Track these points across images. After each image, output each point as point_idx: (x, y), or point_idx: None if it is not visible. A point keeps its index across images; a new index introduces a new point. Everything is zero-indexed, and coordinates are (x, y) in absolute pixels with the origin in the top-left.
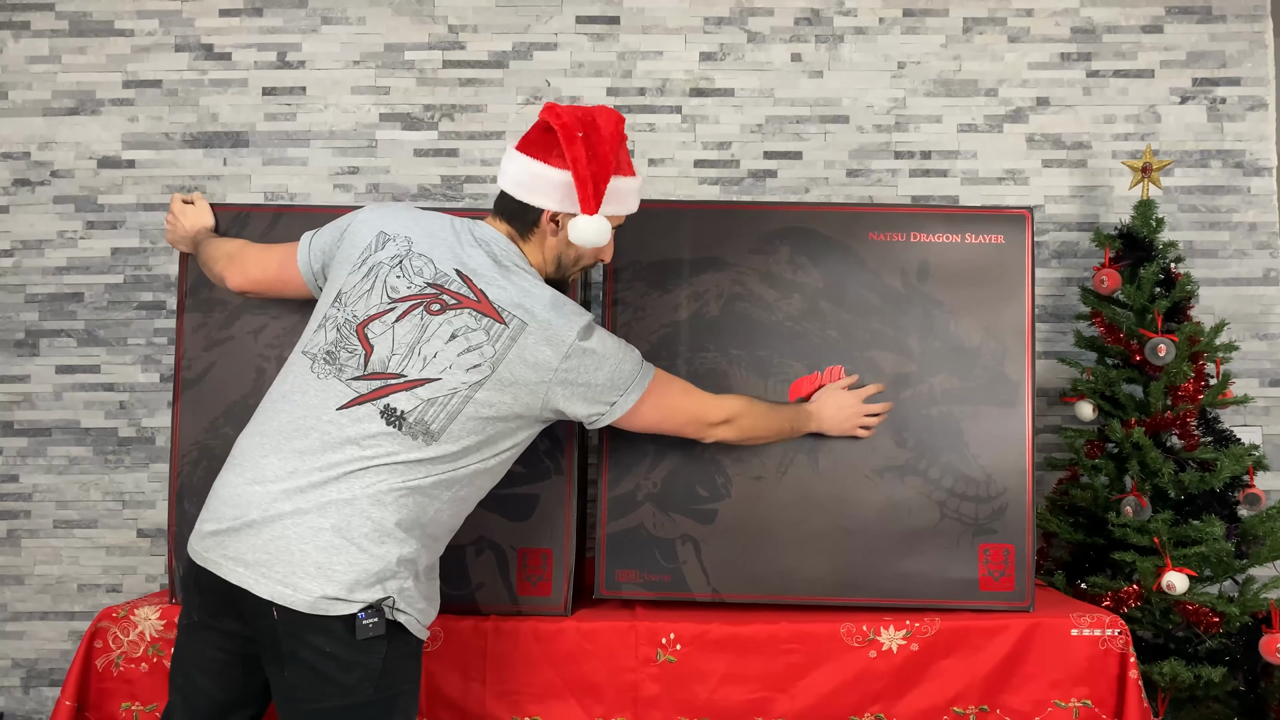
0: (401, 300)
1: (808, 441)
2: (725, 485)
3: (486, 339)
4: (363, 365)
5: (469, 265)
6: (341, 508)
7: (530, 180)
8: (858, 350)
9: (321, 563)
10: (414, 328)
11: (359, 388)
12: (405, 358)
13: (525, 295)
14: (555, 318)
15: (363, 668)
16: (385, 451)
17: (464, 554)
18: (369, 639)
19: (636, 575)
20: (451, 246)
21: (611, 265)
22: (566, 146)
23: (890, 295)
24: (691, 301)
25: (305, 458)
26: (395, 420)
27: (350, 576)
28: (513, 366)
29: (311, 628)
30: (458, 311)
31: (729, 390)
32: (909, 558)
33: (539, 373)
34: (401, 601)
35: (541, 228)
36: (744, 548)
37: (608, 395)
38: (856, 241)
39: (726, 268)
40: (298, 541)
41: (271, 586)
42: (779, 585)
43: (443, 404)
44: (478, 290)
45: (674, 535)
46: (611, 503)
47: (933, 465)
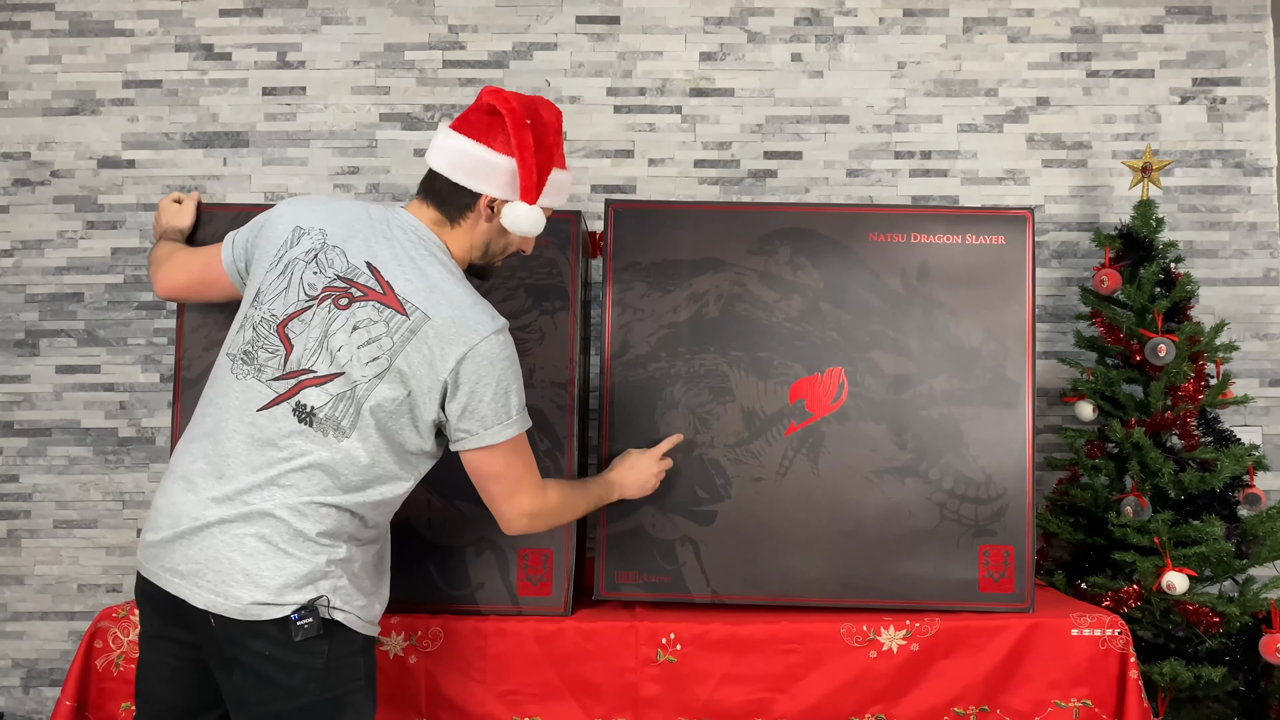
0: (316, 297)
1: (807, 442)
2: (725, 487)
3: (386, 331)
4: (283, 365)
5: (379, 257)
6: (265, 516)
7: (473, 164)
8: (858, 351)
9: (248, 569)
10: (322, 322)
11: (278, 388)
12: (315, 353)
13: (434, 289)
14: (462, 316)
15: (305, 668)
16: (300, 451)
17: (464, 554)
18: (308, 639)
19: (636, 576)
20: (366, 238)
21: (611, 265)
22: (515, 132)
23: (890, 296)
24: (691, 302)
25: (229, 461)
26: (306, 417)
27: (278, 580)
28: (410, 360)
29: (249, 633)
30: (362, 304)
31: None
32: (909, 559)
33: (434, 369)
34: (337, 600)
35: (475, 213)
36: (743, 549)
37: (486, 417)
38: (856, 242)
39: (726, 268)
40: (225, 550)
41: (205, 596)
42: (778, 586)
43: (349, 399)
44: (384, 282)
45: (673, 536)
46: (611, 504)
47: (933, 467)
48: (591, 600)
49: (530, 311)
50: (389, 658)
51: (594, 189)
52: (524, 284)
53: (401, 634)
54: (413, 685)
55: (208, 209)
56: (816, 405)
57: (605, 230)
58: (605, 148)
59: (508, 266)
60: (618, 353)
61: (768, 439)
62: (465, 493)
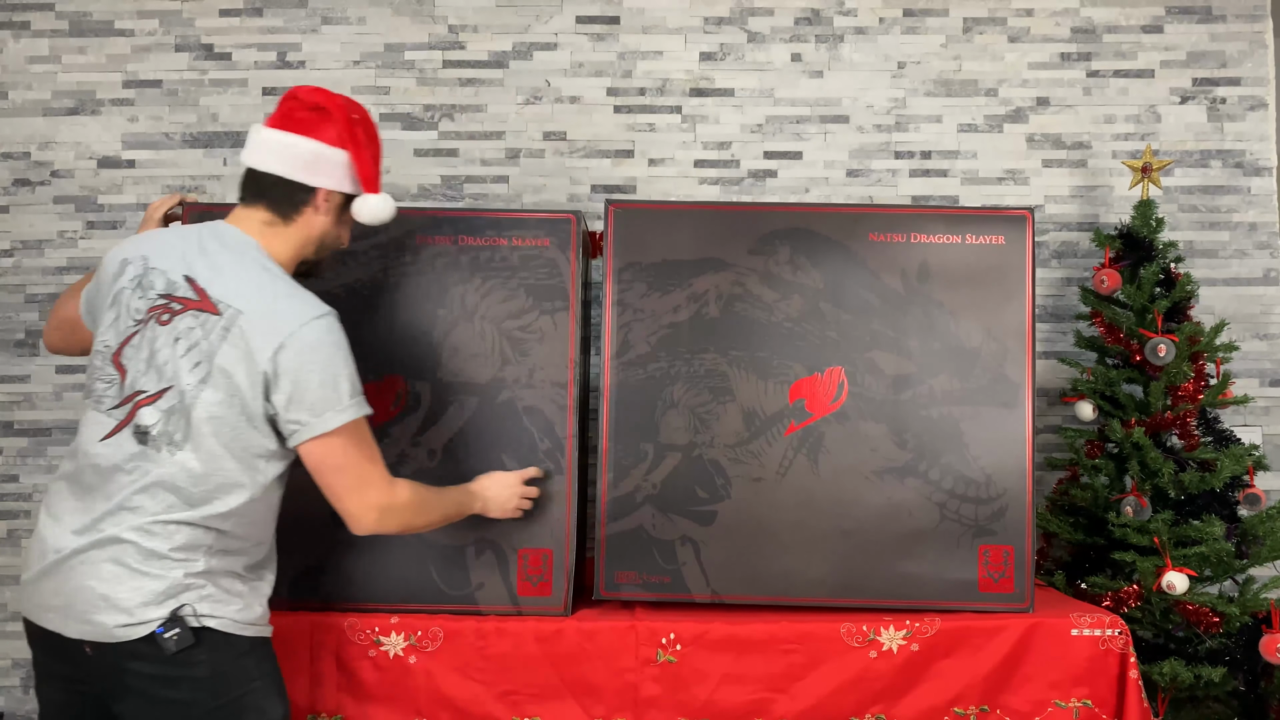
0: (141, 321)
1: (807, 442)
2: (725, 487)
3: (203, 334)
4: (119, 392)
5: (195, 267)
6: (116, 542)
7: (307, 159)
8: (857, 351)
9: (106, 594)
10: (148, 342)
11: (117, 415)
12: (144, 373)
13: (244, 284)
14: (277, 306)
15: (189, 680)
16: (143, 471)
17: (464, 554)
18: (184, 650)
19: (636, 576)
20: (183, 253)
21: (611, 265)
22: (347, 126)
23: (890, 296)
24: (691, 302)
25: (85, 496)
26: (143, 437)
27: (136, 599)
28: (227, 356)
29: (125, 655)
30: (182, 315)
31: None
32: (908, 559)
33: (253, 362)
34: (205, 607)
35: (312, 207)
36: (743, 549)
37: (315, 404)
38: (856, 242)
39: (726, 268)
40: (83, 579)
41: (76, 626)
42: (778, 586)
43: (179, 410)
44: (200, 289)
45: (673, 536)
46: (611, 504)
47: (933, 467)
48: (591, 600)
49: (530, 312)
50: (389, 658)
51: (594, 189)
52: (525, 284)
53: (401, 634)
54: (412, 685)
55: (206, 208)
56: (816, 405)
57: (605, 230)
58: (605, 148)
59: (508, 267)
60: (618, 353)
61: (768, 439)
62: None
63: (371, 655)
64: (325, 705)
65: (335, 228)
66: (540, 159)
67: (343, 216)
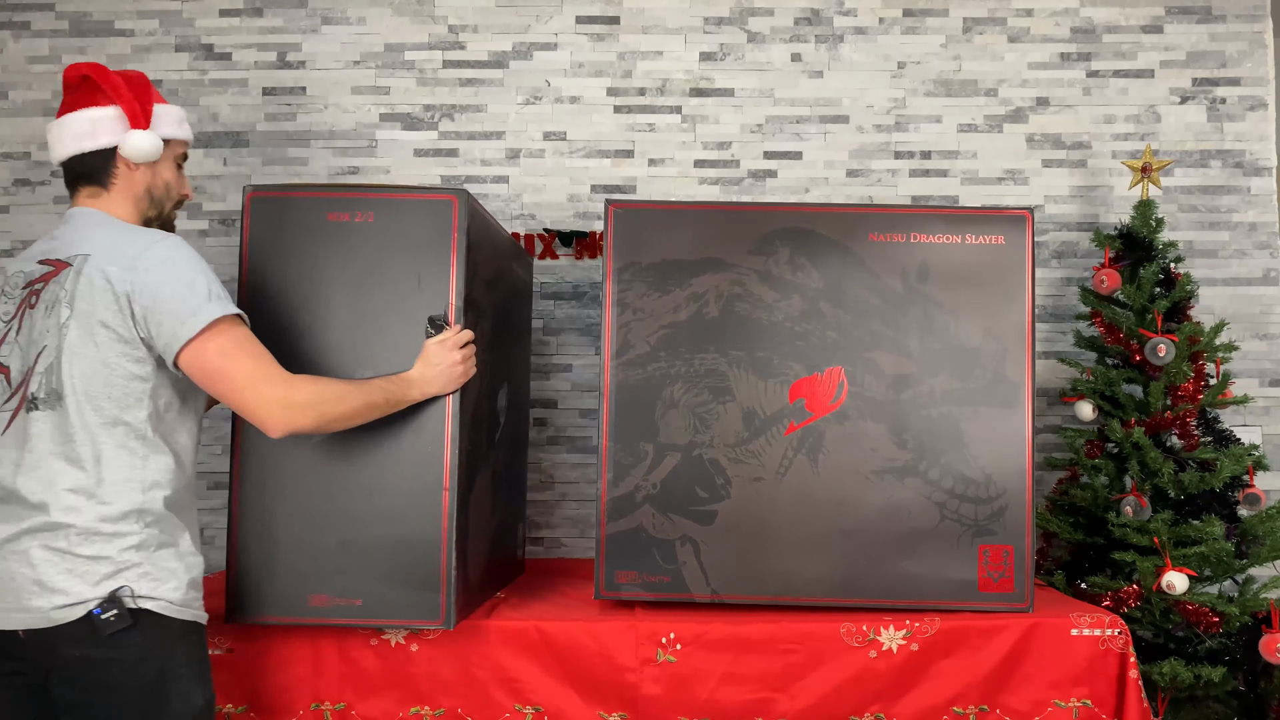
0: (13, 319)
1: (807, 442)
2: (725, 486)
3: (60, 287)
4: (7, 387)
5: (46, 248)
6: (44, 528)
7: (90, 126)
8: (857, 351)
9: (41, 579)
10: (27, 330)
11: (10, 406)
12: (25, 352)
13: (87, 231)
14: (119, 239)
15: (119, 663)
16: (45, 438)
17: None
18: (117, 633)
19: (636, 576)
20: (40, 245)
21: (611, 265)
22: (103, 80)
23: (890, 296)
24: (691, 302)
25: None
26: (30, 405)
27: (73, 581)
28: (86, 296)
29: (58, 638)
30: (45, 289)
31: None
32: (908, 559)
33: (111, 291)
34: (144, 586)
35: (120, 167)
36: (743, 549)
37: (178, 311)
38: (856, 242)
39: (726, 268)
40: (15, 567)
41: (6, 615)
42: (778, 586)
43: (53, 367)
44: (53, 260)
45: (673, 536)
46: (610, 504)
47: (932, 466)
48: (591, 599)
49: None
50: (390, 646)
51: (594, 189)
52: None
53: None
54: (414, 673)
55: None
56: (816, 405)
57: (605, 230)
58: (605, 148)
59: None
60: (617, 352)
61: (768, 439)
62: None
63: (373, 644)
64: (328, 694)
65: (159, 177)
66: (540, 159)
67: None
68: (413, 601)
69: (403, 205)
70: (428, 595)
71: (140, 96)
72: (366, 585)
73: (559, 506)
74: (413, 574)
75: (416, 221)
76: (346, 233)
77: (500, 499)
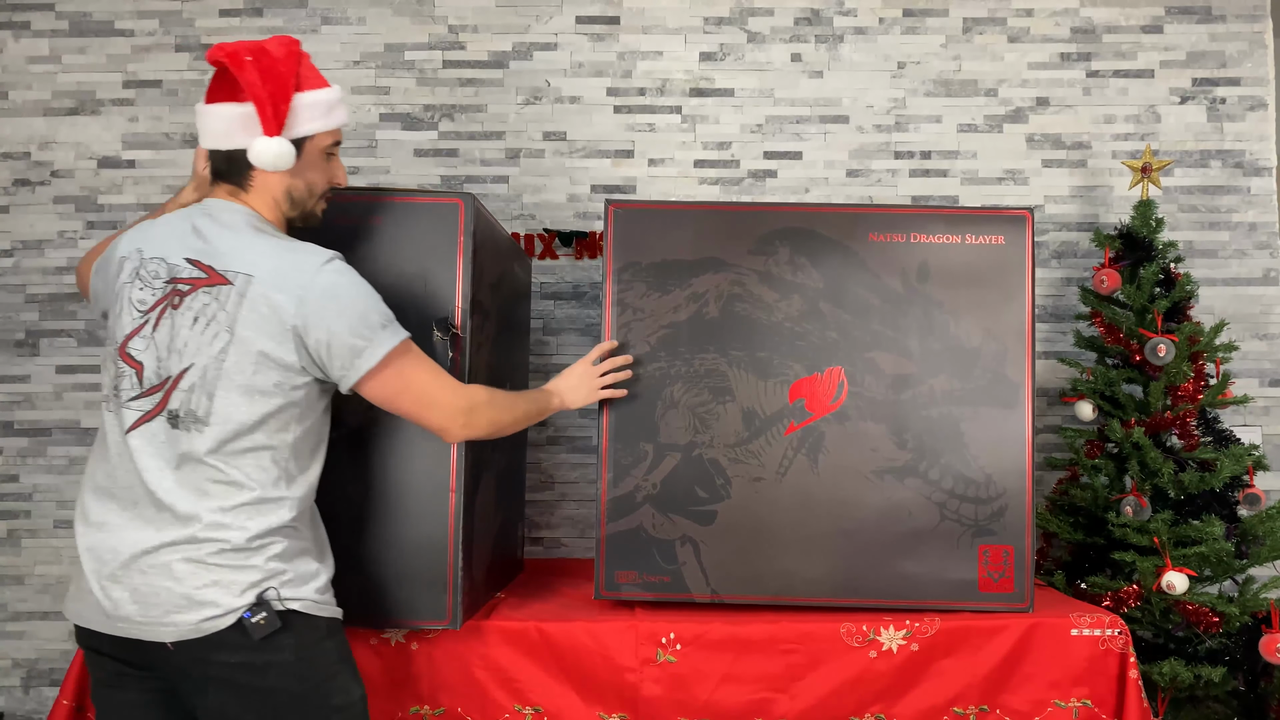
0: (151, 310)
1: (807, 442)
2: (725, 486)
3: (219, 306)
4: (138, 384)
5: (195, 247)
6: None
7: (226, 125)
8: (858, 351)
9: (189, 593)
10: (167, 330)
11: (142, 406)
12: (168, 359)
13: (246, 249)
14: (283, 262)
15: (276, 666)
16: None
17: None
18: (269, 636)
19: (636, 576)
20: (181, 237)
21: (611, 265)
22: (238, 73)
23: (890, 296)
24: (691, 302)
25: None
26: (173, 420)
27: (221, 593)
28: (248, 322)
29: (212, 647)
30: (193, 295)
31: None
32: (908, 559)
33: (278, 321)
34: (286, 590)
35: (255, 170)
36: (743, 549)
37: (355, 345)
38: (857, 242)
39: (726, 268)
40: (158, 581)
41: (154, 629)
42: (778, 586)
43: (200, 387)
44: (206, 267)
45: (673, 536)
46: (611, 504)
47: (933, 467)
48: (591, 600)
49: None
50: (390, 645)
51: (594, 189)
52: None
53: None
54: (415, 672)
55: None
56: (816, 405)
57: (605, 230)
58: (605, 148)
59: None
60: (618, 352)
61: (768, 439)
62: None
63: (373, 643)
64: None
65: (300, 177)
66: (540, 159)
67: (298, 162)
68: (419, 602)
69: (409, 209)
70: (434, 596)
71: (277, 94)
72: (372, 585)
73: (559, 506)
74: (419, 575)
75: (423, 224)
76: (353, 235)
77: (501, 499)
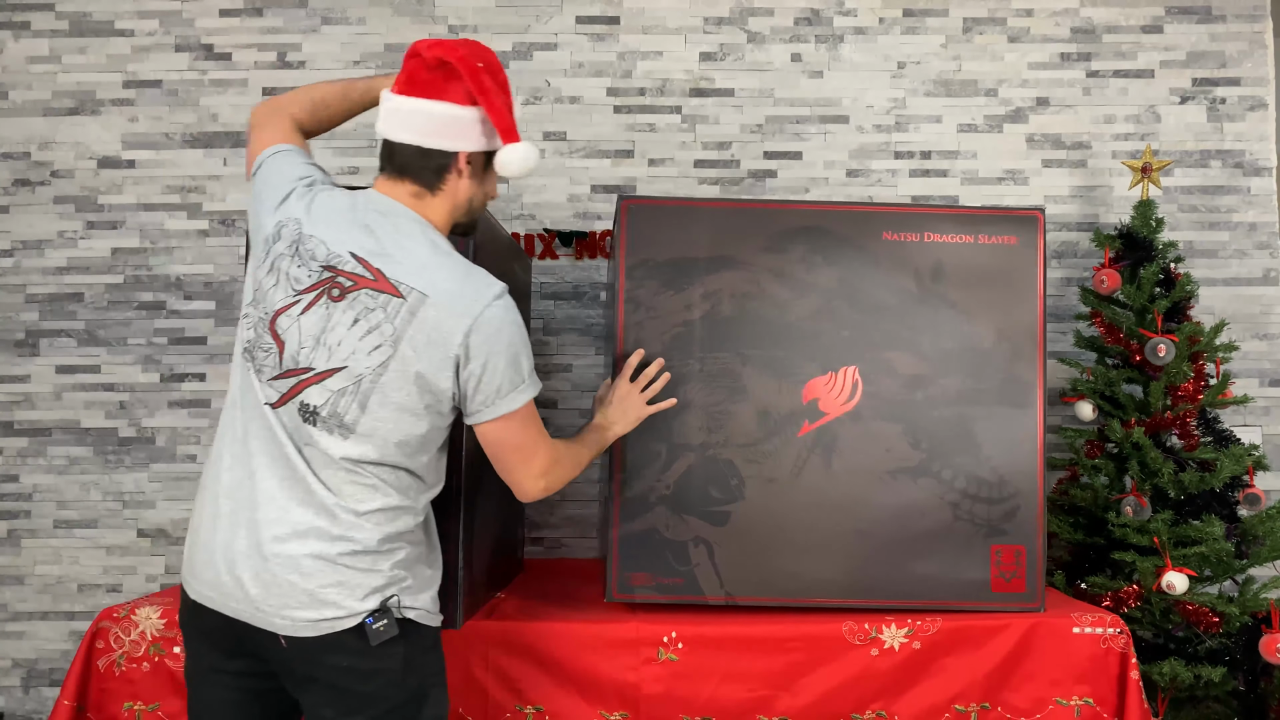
0: (305, 291)
1: (821, 442)
2: (739, 487)
3: (385, 317)
4: (278, 363)
5: (363, 244)
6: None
7: (441, 124)
8: (871, 351)
9: (313, 591)
10: (319, 318)
11: (280, 387)
12: (313, 350)
13: (425, 266)
14: (461, 288)
15: (383, 673)
16: (319, 452)
17: None
18: (384, 643)
19: (649, 579)
20: (348, 228)
21: (624, 262)
22: (474, 79)
23: (904, 295)
24: (705, 301)
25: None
26: (310, 416)
27: (344, 595)
28: (415, 342)
29: (323, 648)
30: (355, 294)
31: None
32: (921, 560)
33: (443, 347)
34: (406, 598)
35: (454, 173)
36: (757, 550)
37: (502, 386)
38: (871, 241)
39: (740, 266)
40: (283, 572)
41: (269, 619)
42: (791, 587)
43: (352, 393)
44: (374, 269)
45: (687, 538)
46: (625, 505)
47: (945, 467)
48: (592, 599)
49: None
50: None
51: (594, 189)
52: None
53: None
54: None
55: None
56: (830, 405)
57: (618, 227)
58: (605, 148)
59: None
60: (629, 351)
61: (782, 439)
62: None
63: None
64: None
65: (482, 187)
66: (540, 159)
67: (487, 173)
68: None
69: None
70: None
71: (509, 102)
72: None
73: (559, 507)
74: None
75: None
76: None
77: (502, 500)
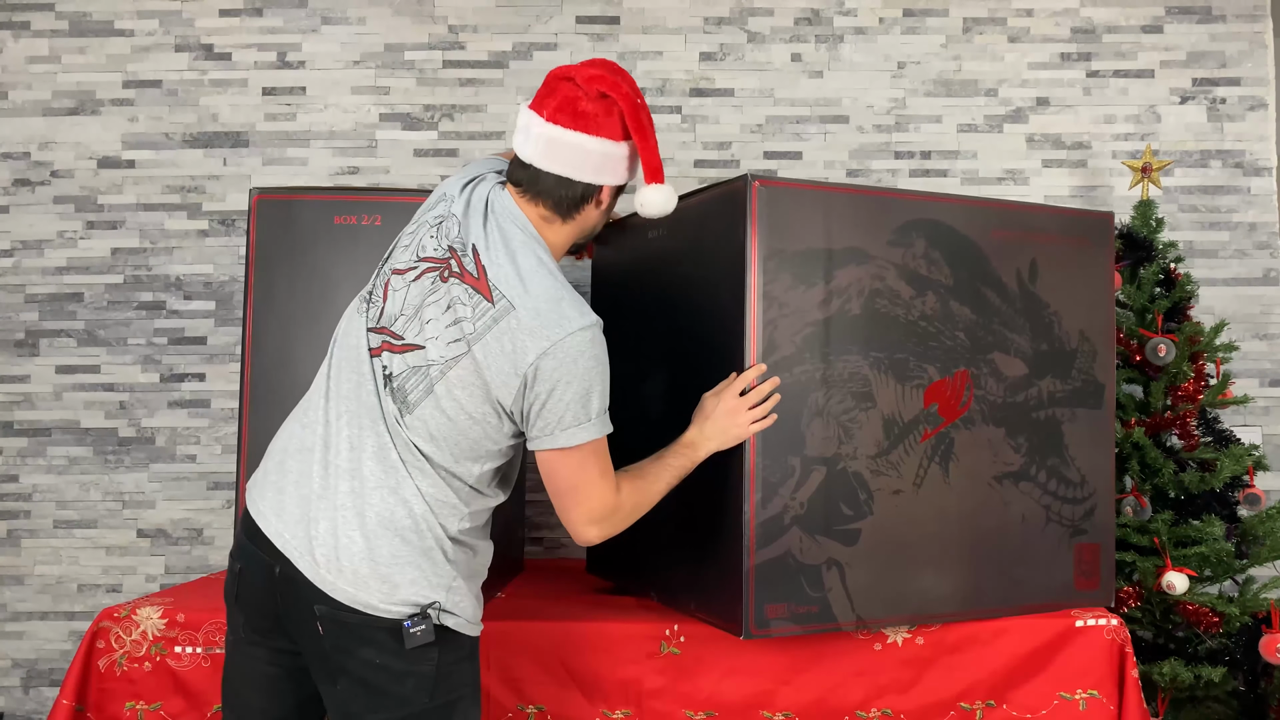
0: (424, 260)
1: (940, 449)
2: (868, 502)
3: (471, 315)
4: (377, 317)
5: (483, 241)
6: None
7: (598, 160)
8: (980, 353)
9: (382, 574)
10: (423, 292)
11: (373, 340)
12: (403, 316)
13: (523, 280)
14: (549, 309)
15: (415, 676)
16: (386, 415)
17: None
18: (420, 647)
19: (785, 610)
20: (480, 219)
21: (756, 253)
22: (631, 117)
23: (1008, 295)
24: (834, 298)
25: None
26: (386, 380)
27: (398, 585)
28: (488, 348)
29: (359, 640)
30: (459, 282)
31: (870, 398)
32: (1021, 564)
33: (513, 362)
34: (449, 604)
35: (594, 203)
36: (885, 569)
37: (564, 417)
38: (982, 237)
39: (868, 260)
40: (337, 541)
41: (332, 582)
42: (916, 604)
43: (423, 374)
44: (480, 266)
45: (819, 561)
46: (760, 528)
47: (1040, 469)
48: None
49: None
50: None
51: None
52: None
53: None
54: None
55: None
56: (947, 410)
57: (748, 211)
58: None
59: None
60: (764, 353)
61: (905, 447)
62: None
63: None
64: None
65: (608, 214)
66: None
67: (615, 200)
68: None
69: (410, 209)
70: None
71: (656, 141)
72: None
73: None
74: None
75: None
76: (353, 235)
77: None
